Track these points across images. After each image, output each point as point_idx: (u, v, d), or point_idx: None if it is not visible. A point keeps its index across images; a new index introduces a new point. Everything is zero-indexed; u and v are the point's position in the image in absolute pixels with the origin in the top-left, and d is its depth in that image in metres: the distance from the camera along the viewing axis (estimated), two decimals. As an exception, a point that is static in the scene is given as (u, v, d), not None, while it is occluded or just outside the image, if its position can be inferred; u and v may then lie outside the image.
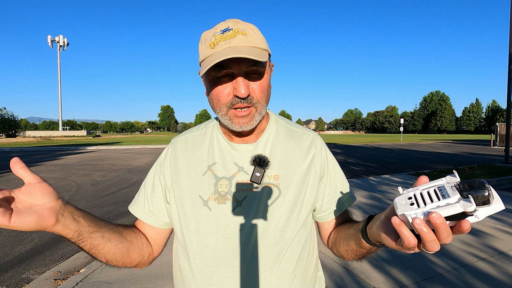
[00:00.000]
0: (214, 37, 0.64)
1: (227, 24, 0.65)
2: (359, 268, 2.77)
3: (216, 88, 0.66)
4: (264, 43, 0.67)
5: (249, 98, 0.66)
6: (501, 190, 6.20)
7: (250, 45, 0.63)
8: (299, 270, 0.73)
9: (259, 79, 0.67)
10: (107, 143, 28.06)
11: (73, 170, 10.17)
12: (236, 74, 0.64)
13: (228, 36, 0.63)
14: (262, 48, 0.66)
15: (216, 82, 0.66)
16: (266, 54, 0.66)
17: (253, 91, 0.66)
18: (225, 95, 0.66)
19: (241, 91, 0.63)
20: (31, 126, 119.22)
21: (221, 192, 0.71)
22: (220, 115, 0.69)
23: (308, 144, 0.78)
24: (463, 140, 34.48)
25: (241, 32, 0.64)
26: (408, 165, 11.37)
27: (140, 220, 0.79)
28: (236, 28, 0.64)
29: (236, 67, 0.63)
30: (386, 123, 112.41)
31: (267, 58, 0.65)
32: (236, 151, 0.75)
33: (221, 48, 0.62)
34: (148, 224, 0.78)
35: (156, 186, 0.78)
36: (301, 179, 0.73)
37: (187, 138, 0.81)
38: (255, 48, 0.64)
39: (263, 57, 0.62)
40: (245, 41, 0.63)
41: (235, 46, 0.62)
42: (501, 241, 3.35)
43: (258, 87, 0.67)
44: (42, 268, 3.13)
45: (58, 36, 67.47)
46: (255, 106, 0.67)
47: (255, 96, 0.67)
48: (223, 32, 0.64)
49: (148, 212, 0.78)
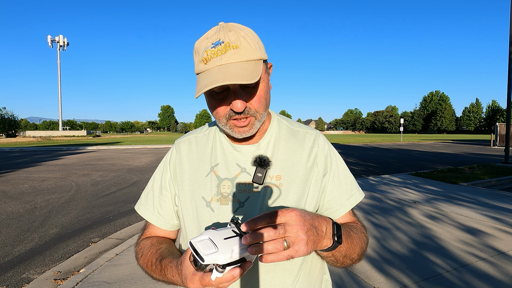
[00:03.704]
0: (206, 52, 0.63)
1: (218, 36, 0.63)
2: (359, 268, 2.77)
3: (214, 102, 0.67)
4: (258, 51, 0.65)
5: (246, 110, 0.66)
6: (501, 190, 6.20)
7: (242, 60, 0.62)
8: (303, 272, 0.72)
9: (255, 89, 0.66)
10: (107, 143, 28.04)
11: (73, 170, 10.16)
12: (232, 89, 0.64)
13: (219, 52, 0.62)
14: (255, 59, 0.64)
15: (213, 96, 0.67)
16: (260, 67, 0.63)
17: (250, 102, 0.66)
18: (223, 109, 0.67)
19: (237, 106, 0.63)
20: (31, 126, 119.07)
21: (223, 193, 0.71)
22: (220, 125, 0.70)
23: (310, 143, 0.78)
24: (463, 140, 34.45)
25: (232, 46, 0.62)
26: (408, 165, 11.37)
27: (150, 223, 0.81)
28: (228, 42, 0.62)
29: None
30: (386, 123, 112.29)
31: (260, 72, 0.62)
32: (239, 152, 0.75)
33: (213, 66, 0.62)
34: (158, 227, 0.80)
35: (164, 188, 0.79)
36: (304, 179, 0.73)
37: (191, 140, 0.82)
38: (247, 63, 0.62)
39: (254, 75, 0.61)
40: (237, 56, 0.62)
41: (226, 64, 0.61)
42: (501, 241, 3.35)
43: (255, 98, 0.66)
44: (42, 268, 3.13)
45: (58, 36, 67.36)
46: (254, 115, 0.67)
47: (252, 107, 0.66)
48: (214, 46, 0.62)
49: (157, 214, 0.79)
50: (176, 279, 0.62)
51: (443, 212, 4.52)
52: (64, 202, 5.78)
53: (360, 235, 0.72)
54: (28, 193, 6.54)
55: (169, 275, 0.65)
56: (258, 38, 0.68)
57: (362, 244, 0.72)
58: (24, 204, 5.62)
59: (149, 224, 0.82)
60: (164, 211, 0.79)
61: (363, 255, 0.73)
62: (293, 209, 0.53)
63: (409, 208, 4.76)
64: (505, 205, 4.86)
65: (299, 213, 0.53)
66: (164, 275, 0.67)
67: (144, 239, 0.80)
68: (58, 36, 67.39)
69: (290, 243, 0.50)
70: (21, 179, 8.38)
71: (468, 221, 4.10)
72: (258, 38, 0.68)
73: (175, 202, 0.79)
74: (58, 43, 67.37)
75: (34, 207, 5.42)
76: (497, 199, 5.32)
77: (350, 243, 0.66)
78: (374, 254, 3.05)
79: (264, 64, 0.68)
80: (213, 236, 0.52)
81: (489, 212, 4.47)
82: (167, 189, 0.79)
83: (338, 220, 0.77)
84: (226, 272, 0.50)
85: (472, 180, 7.04)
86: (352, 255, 0.68)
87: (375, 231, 3.73)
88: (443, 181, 7.05)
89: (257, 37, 0.67)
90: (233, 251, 0.50)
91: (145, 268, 0.74)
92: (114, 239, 3.79)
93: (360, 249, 0.70)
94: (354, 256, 0.69)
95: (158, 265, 0.69)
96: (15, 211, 5.20)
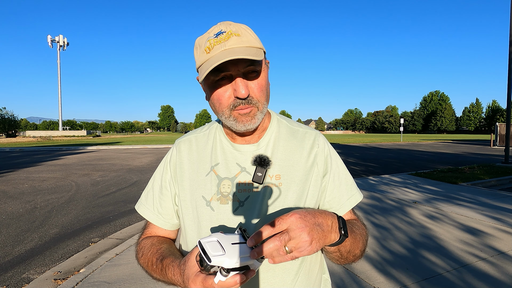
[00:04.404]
0: (209, 41, 0.64)
1: (220, 28, 0.65)
2: (359, 268, 2.77)
3: (216, 92, 0.67)
4: (258, 42, 0.67)
5: (249, 99, 0.66)
6: (501, 190, 6.20)
7: (245, 45, 0.64)
8: (303, 271, 0.72)
9: (257, 78, 0.67)
10: (107, 143, 28.04)
11: (73, 170, 10.16)
12: (234, 75, 0.65)
13: (222, 39, 0.63)
14: (256, 47, 0.66)
15: (215, 86, 0.67)
16: (262, 53, 0.66)
17: (252, 91, 0.67)
18: (226, 98, 0.67)
19: (241, 91, 0.64)
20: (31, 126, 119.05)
21: (223, 192, 0.72)
22: (223, 118, 0.70)
23: (310, 143, 0.78)
24: (463, 140, 34.45)
25: (235, 33, 0.64)
26: (408, 165, 11.37)
27: (150, 222, 0.81)
28: (229, 30, 0.64)
29: (233, 69, 0.64)
30: (386, 123, 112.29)
31: (263, 56, 0.66)
32: (238, 152, 0.75)
33: (217, 52, 0.63)
34: (159, 226, 0.80)
35: (164, 188, 0.80)
36: (304, 178, 0.73)
37: (191, 140, 0.82)
38: (250, 48, 0.64)
39: (259, 56, 0.63)
40: (240, 42, 0.63)
41: (230, 48, 0.62)
42: (501, 241, 3.35)
43: (257, 87, 0.67)
44: (42, 268, 3.13)
45: (58, 36, 67.38)
46: (256, 105, 0.68)
47: (255, 96, 0.67)
48: (216, 35, 0.64)
49: (157, 214, 0.80)
50: (177, 279, 0.62)
51: (443, 212, 4.52)
52: (64, 202, 5.78)
53: (362, 231, 0.74)
54: (28, 193, 6.54)
55: (169, 274, 0.65)
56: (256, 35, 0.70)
57: (364, 241, 0.73)
58: (24, 204, 5.62)
59: (149, 223, 0.83)
60: (164, 210, 0.79)
61: (364, 251, 0.74)
62: (293, 213, 0.55)
63: (409, 208, 4.76)
64: (505, 205, 4.86)
65: (299, 215, 0.54)
66: (165, 274, 0.67)
67: (145, 238, 0.80)
68: (58, 36, 67.41)
69: (292, 247, 0.52)
70: (21, 179, 8.38)
71: (468, 221, 4.10)
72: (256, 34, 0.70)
73: (175, 202, 0.79)
74: (58, 43, 67.38)
75: (34, 207, 5.42)
76: (497, 199, 5.32)
77: (353, 239, 0.68)
78: (374, 254, 3.05)
79: (264, 56, 0.70)
80: (221, 239, 0.52)
81: (489, 212, 4.47)
82: (167, 188, 0.79)
83: None
84: (229, 277, 0.50)
85: (472, 180, 7.04)
86: (355, 250, 0.69)
87: (375, 231, 3.73)
88: (443, 181, 7.05)
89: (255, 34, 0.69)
90: (239, 257, 0.51)
91: (146, 268, 0.74)
92: (114, 239, 3.79)
93: (362, 245, 0.72)
94: (357, 252, 0.70)
95: (159, 265, 0.69)
96: (15, 211, 5.20)
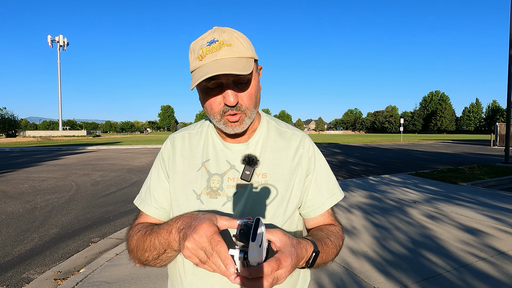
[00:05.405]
0: (201, 49, 0.67)
1: (213, 36, 0.68)
2: (359, 268, 2.77)
3: (208, 98, 0.71)
4: (250, 50, 0.70)
5: (238, 106, 0.70)
6: (501, 190, 6.20)
7: (235, 56, 0.67)
8: None
9: (247, 86, 0.71)
10: (107, 143, 28.04)
11: (73, 170, 10.16)
12: (225, 84, 0.68)
13: (214, 49, 0.66)
14: (247, 56, 0.69)
15: (207, 93, 0.71)
16: (251, 63, 0.68)
17: (242, 99, 0.71)
18: (217, 104, 0.71)
19: (230, 99, 0.68)
20: (31, 126, 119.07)
21: (213, 187, 0.76)
22: (215, 121, 0.74)
23: (296, 144, 0.83)
24: (463, 140, 34.46)
25: (226, 43, 0.67)
26: (408, 165, 11.37)
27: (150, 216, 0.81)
28: (222, 40, 0.67)
29: (224, 78, 0.67)
30: (386, 123, 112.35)
31: (252, 67, 0.67)
32: (229, 150, 0.80)
33: (208, 61, 0.66)
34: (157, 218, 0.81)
35: (162, 180, 0.82)
36: (288, 177, 0.78)
37: (184, 136, 0.86)
38: (240, 59, 0.67)
39: (247, 69, 0.65)
40: (230, 53, 0.66)
41: (221, 59, 0.66)
42: (501, 241, 3.35)
43: (246, 95, 0.71)
44: (42, 268, 3.13)
45: (58, 36, 67.39)
46: (244, 112, 0.72)
47: (244, 103, 0.71)
48: (209, 44, 0.67)
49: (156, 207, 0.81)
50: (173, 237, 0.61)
51: (443, 212, 4.52)
52: (64, 202, 5.78)
53: (336, 241, 0.77)
54: (28, 193, 6.54)
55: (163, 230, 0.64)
56: (249, 41, 0.73)
57: (337, 248, 0.77)
58: (24, 204, 5.62)
59: (141, 214, 0.82)
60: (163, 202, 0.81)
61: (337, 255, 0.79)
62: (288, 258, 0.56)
63: (409, 208, 4.76)
64: (505, 205, 4.86)
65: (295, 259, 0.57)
66: (157, 234, 0.66)
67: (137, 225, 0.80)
68: (58, 36, 67.43)
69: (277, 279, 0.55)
70: (21, 179, 8.38)
71: (468, 221, 4.10)
72: (249, 41, 0.73)
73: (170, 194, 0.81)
74: (58, 43, 67.41)
75: (34, 207, 5.42)
76: (497, 199, 5.32)
77: (326, 253, 0.71)
78: (374, 254, 3.05)
79: (255, 64, 0.74)
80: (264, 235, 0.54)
81: (489, 212, 4.47)
82: (165, 181, 0.82)
83: (319, 218, 0.83)
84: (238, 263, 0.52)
85: (472, 180, 7.04)
86: (327, 261, 0.74)
87: (375, 231, 3.73)
88: (443, 181, 7.05)
89: (248, 40, 0.73)
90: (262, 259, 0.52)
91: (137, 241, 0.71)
92: (114, 239, 3.79)
93: (333, 255, 0.76)
94: (328, 262, 0.75)
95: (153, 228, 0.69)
96: (15, 211, 5.20)
